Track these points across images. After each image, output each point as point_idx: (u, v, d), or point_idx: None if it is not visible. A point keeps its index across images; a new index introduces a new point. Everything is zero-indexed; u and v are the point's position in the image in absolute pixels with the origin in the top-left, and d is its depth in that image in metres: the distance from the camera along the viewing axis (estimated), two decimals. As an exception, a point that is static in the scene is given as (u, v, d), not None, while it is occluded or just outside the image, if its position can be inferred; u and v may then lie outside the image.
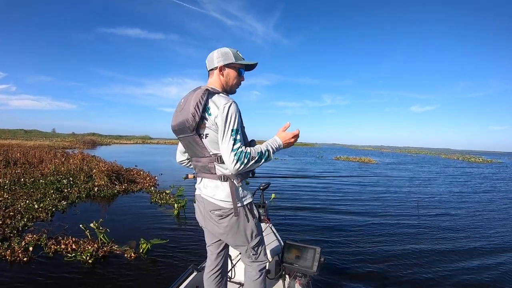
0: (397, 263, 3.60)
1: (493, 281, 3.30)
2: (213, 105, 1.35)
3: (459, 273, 3.43)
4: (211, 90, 1.40)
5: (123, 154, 23.84)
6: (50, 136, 62.87)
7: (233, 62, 1.48)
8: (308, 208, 6.45)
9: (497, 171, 20.25)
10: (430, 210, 6.74)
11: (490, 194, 9.69)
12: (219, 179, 1.41)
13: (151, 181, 8.58)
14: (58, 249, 3.57)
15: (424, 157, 40.33)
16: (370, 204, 7.10)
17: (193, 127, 1.35)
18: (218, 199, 1.42)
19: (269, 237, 2.46)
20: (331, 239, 4.38)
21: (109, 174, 7.99)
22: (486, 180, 13.98)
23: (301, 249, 1.97)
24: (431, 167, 21.31)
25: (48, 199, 5.85)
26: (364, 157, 29.80)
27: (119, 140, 61.24)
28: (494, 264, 3.76)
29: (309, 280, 1.96)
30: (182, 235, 4.32)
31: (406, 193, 9.04)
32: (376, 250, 4.01)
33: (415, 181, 12.57)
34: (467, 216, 6.32)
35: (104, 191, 6.97)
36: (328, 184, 9.81)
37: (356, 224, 5.27)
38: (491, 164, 29.33)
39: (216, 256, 1.68)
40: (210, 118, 1.35)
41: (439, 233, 4.99)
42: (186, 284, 2.01)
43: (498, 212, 6.89)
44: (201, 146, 1.40)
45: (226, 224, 1.44)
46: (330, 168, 17.80)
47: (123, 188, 7.41)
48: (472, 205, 7.66)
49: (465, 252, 4.14)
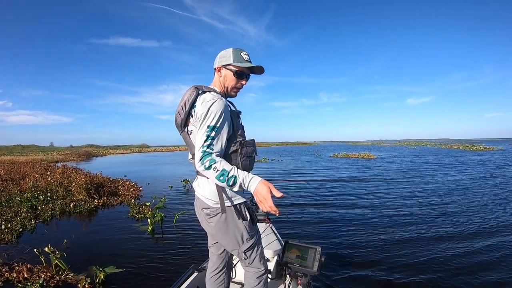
0: (400, 263, 3.43)
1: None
2: (199, 102, 1.36)
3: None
4: (200, 87, 1.41)
5: (116, 164, 23.41)
6: (48, 150, 62.16)
7: (231, 63, 1.43)
8: (308, 207, 6.34)
9: (504, 158, 19.86)
10: (457, 209, 5.97)
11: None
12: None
13: (134, 192, 8.09)
14: (10, 277, 3.17)
15: (424, 149, 39.62)
16: (371, 203, 6.72)
17: (182, 123, 1.41)
18: (206, 197, 1.41)
19: (269, 237, 2.46)
20: (331, 239, 4.29)
21: (87, 188, 7.53)
22: (497, 168, 13.60)
23: (301, 248, 1.97)
24: (439, 159, 20.37)
25: (18, 218, 5.41)
26: (363, 152, 29.27)
27: (115, 150, 60.66)
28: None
29: (309, 279, 1.97)
30: (151, 258, 3.73)
31: (418, 190, 8.33)
32: (378, 250, 3.85)
33: (427, 176, 11.49)
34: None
35: (80, 206, 6.51)
36: (328, 183, 9.56)
37: (357, 223, 5.06)
38: (494, 151, 28.99)
39: (218, 257, 1.66)
40: (194, 115, 1.36)
41: (466, 233, 4.44)
42: (186, 285, 1.99)
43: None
44: (190, 143, 1.43)
45: (214, 224, 1.43)
46: (326, 166, 17.33)
47: (101, 202, 6.94)
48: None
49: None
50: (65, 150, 55.65)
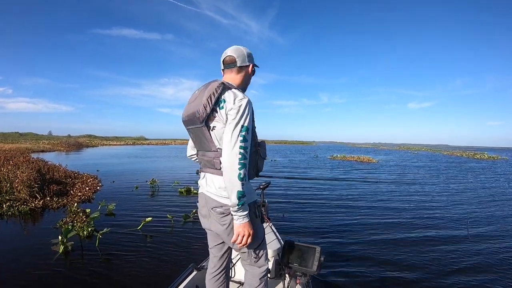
0: (400, 264, 3.45)
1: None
2: (227, 98, 1.32)
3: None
4: (227, 84, 1.38)
5: (102, 156, 22.02)
6: (45, 139, 60.54)
7: (254, 63, 1.54)
8: (308, 207, 6.26)
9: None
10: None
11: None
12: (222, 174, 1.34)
13: (87, 192, 6.80)
14: None
15: (425, 155, 37.94)
16: (373, 203, 6.54)
17: (203, 118, 1.33)
18: (221, 196, 1.38)
19: (269, 236, 2.45)
20: (331, 239, 4.23)
21: (30, 185, 6.27)
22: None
23: (301, 248, 1.94)
24: (446, 168, 18.71)
25: None
26: (363, 155, 27.72)
27: (109, 142, 59.03)
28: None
29: (309, 279, 1.96)
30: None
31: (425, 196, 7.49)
32: (379, 250, 3.82)
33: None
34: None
35: (14, 208, 5.28)
36: (328, 183, 9.40)
37: (357, 223, 4.98)
38: (498, 161, 28.29)
39: (219, 258, 1.64)
40: (221, 111, 1.32)
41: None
42: (186, 283, 1.99)
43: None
44: (209, 139, 1.38)
45: (229, 222, 1.39)
46: (323, 171, 16.08)
47: (40, 204, 5.68)
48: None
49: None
50: (62, 139, 54.23)
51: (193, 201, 6.46)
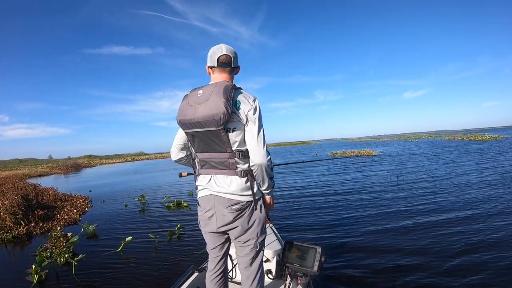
0: (400, 264, 3.20)
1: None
2: (242, 100, 1.35)
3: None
4: (237, 86, 1.40)
5: (98, 176, 21.77)
6: (46, 163, 60.24)
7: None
8: (308, 207, 6.10)
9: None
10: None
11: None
12: (238, 174, 1.39)
13: (75, 214, 6.53)
14: None
15: (426, 141, 37.59)
16: (374, 203, 6.11)
17: (224, 121, 1.29)
18: (237, 194, 1.40)
19: (270, 237, 2.44)
20: (332, 238, 4.13)
21: (14, 212, 6.01)
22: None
23: (301, 248, 1.94)
24: (446, 153, 18.46)
25: None
26: (363, 149, 27.22)
27: (107, 161, 58.64)
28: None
29: (310, 279, 1.96)
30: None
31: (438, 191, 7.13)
32: (379, 250, 3.60)
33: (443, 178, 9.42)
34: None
35: (-2, 236, 5.05)
36: (328, 183, 9.02)
37: (358, 223, 4.73)
38: (503, 140, 27.85)
39: (219, 259, 1.65)
40: (238, 112, 1.33)
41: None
42: (187, 285, 1.98)
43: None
44: (224, 141, 1.36)
45: (244, 217, 1.43)
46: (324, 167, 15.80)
47: (24, 231, 5.42)
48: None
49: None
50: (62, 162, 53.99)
51: (182, 215, 6.17)
